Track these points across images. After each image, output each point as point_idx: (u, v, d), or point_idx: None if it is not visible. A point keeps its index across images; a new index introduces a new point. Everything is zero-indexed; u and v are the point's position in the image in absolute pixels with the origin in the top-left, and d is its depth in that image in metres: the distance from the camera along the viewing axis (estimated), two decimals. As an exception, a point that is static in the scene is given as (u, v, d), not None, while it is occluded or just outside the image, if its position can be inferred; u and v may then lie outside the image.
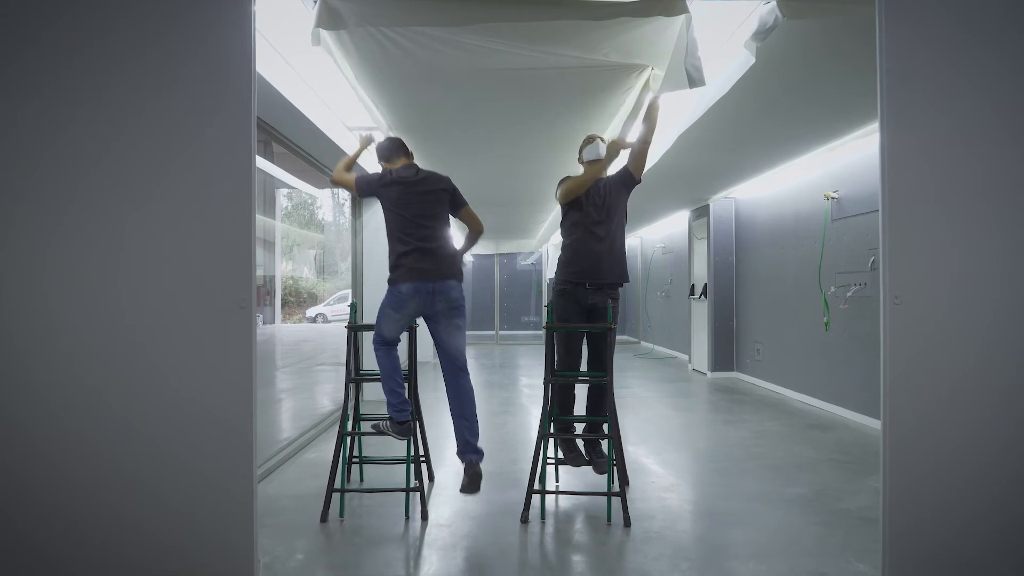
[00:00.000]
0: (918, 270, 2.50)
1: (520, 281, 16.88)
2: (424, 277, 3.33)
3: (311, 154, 4.88)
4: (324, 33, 2.85)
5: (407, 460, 3.35)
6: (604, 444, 3.64)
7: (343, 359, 3.66)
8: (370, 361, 5.59)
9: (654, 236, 12.24)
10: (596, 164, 3.61)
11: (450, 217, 3.61)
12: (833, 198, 5.81)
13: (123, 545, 2.37)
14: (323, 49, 3.02)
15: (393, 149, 3.67)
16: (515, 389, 7.63)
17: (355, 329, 3.56)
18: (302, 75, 3.89)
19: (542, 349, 12.85)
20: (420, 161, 6.07)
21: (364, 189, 3.57)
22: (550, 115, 4.38)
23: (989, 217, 2.42)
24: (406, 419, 3.39)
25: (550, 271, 13.40)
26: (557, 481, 3.84)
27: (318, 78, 3.99)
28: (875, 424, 5.22)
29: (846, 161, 5.69)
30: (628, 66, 3.42)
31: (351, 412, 3.64)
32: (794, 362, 6.70)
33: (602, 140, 3.74)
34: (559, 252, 3.87)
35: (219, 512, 2.41)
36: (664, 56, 3.07)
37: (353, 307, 3.74)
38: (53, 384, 2.33)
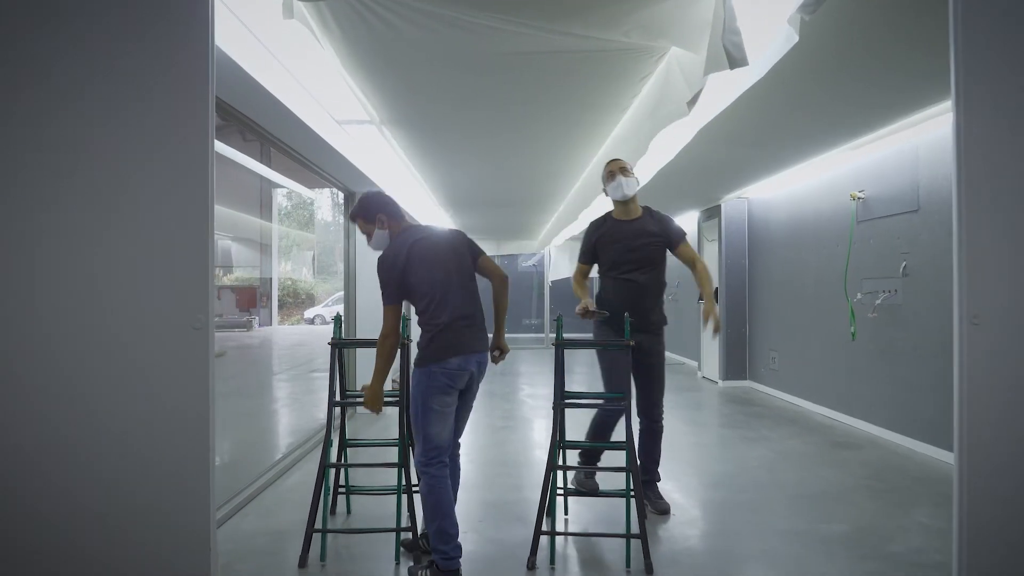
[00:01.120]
0: (1001, 285, 2.11)
1: (521, 283, 16.49)
2: (474, 348, 2.72)
3: (298, 151, 4.49)
4: (298, 4, 2.45)
5: (397, 490, 2.96)
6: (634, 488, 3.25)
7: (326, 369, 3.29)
8: (361, 373, 5.22)
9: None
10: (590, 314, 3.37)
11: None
12: (860, 198, 5.41)
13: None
14: (300, 24, 2.62)
15: (393, 207, 2.86)
16: (516, 400, 7.23)
17: (339, 345, 3.15)
18: (287, 65, 3.49)
19: (544, 354, 12.59)
20: (416, 159, 5.71)
21: (399, 295, 2.71)
22: (559, 107, 3.99)
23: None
24: (457, 567, 2.61)
25: (552, 272, 13.00)
26: (567, 515, 3.45)
27: (302, 67, 3.58)
28: (907, 443, 4.83)
29: (873, 158, 5.30)
30: (648, 49, 3.02)
31: (335, 439, 3.24)
32: (814, 372, 6.31)
33: (625, 173, 3.42)
34: (560, 254, 3.58)
35: (176, 556, 2.06)
36: (691, 35, 2.67)
37: (338, 320, 3.27)
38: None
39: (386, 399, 2.86)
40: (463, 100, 3.90)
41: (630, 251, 3.38)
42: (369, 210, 2.82)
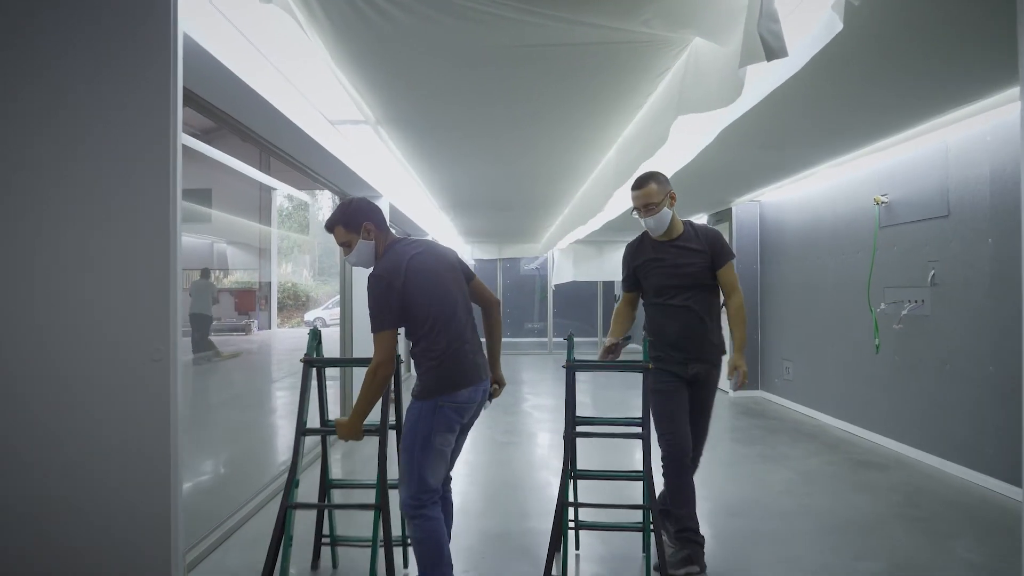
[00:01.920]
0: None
1: (523, 286, 16.22)
2: (481, 376, 2.45)
3: (288, 152, 4.21)
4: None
5: (373, 540, 2.58)
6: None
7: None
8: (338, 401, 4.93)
9: (666, 240, 11.56)
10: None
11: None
12: (883, 203, 5.12)
13: None
14: (282, 11, 2.34)
15: (381, 216, 2.51)
16: (520, 412, 6.94)
17: (315, 364, 2.79)
18: (271, 59, 3.22)
19: (547, 359, 12.31)
20: (415, 161, 5.43)
21: (398, 318, 2.34)
22: (567, 105, 3.71)
23: None
24: None
25: (555, 277, 12.72)
26: (578, 549, 3.16)
27: (288, 61, 3.31)
28: (936, 462, 4.54)
29: (897, 160, 5.02)
30: (668, 41, 2.74)
31: (299, 478, 2.72)
32: (832, 384, 6.02)
33: (649, 211, 2.90)
34: (564, 257, 3.27)
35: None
36: (719, 23, 2.39)
37: (315, 335, 2.85)
38: None
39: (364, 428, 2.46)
40: (465, 98, 3.62)
41: (674, 275, 2.95)
42: (354, 218, 2.45)
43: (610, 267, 12.39)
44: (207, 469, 4.03)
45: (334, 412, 6.04)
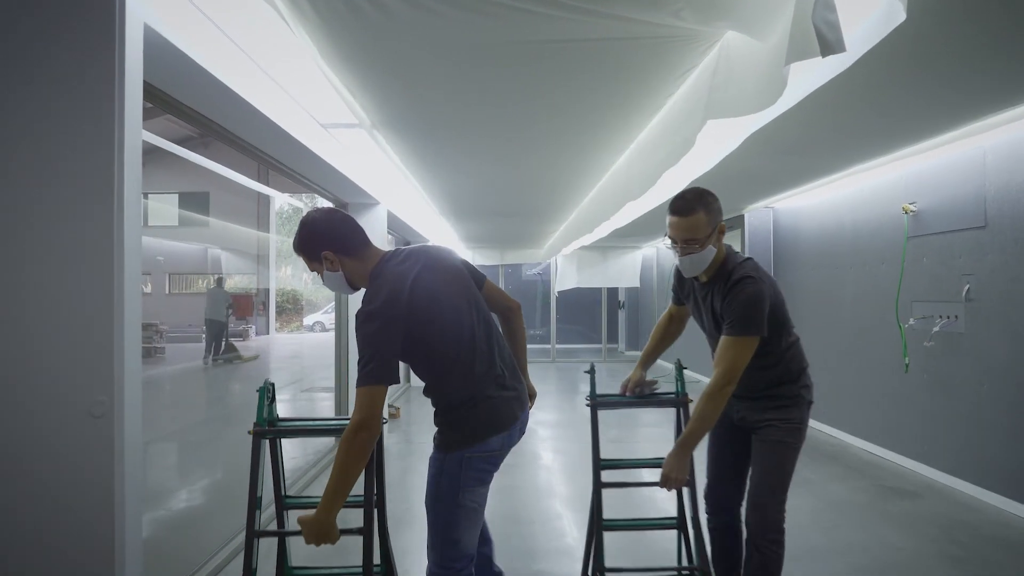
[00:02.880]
0: None
1: (526, 292, 15.94)
2: (516, 414, 2.01)
3: (277, 159, 3.92)
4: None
5: None
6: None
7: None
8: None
9: (672, 246, 11.25)
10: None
11: None
12: (912, 212, 4.82)
13: None
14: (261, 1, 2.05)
15: (344, 237, 2.00)
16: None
17: (268, 435, 2.15)
18: (253, 56, 2.93)
19: (550, 368, 11.97)
20: (413, 166, 5.13)
21: (394, 365, 1.85)
22: (579, 107, 3.41)
23: None
24: None
25: (559, 283, 12.42)
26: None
27: (272, 58, 3.02)
28: (972, 491, 4.23)
29: (926, 166, 4.72)
30: (697, 35, 2.45)
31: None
32: (853, 402, 5.71)
33: (688, 249, 2.19)
34: (568, 263, 2.78)
35: None
36: (756, 15, 2.09)
37: (264, 392, 2.16)
38: None
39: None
40: (467, 99, 3.33)
41: (701, 320, 2.43)
42: (309, 246, 1.97)
43: (614, 273, 12.09)
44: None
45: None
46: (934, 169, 4.66)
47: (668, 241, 2.26)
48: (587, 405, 2.53)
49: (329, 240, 1.96)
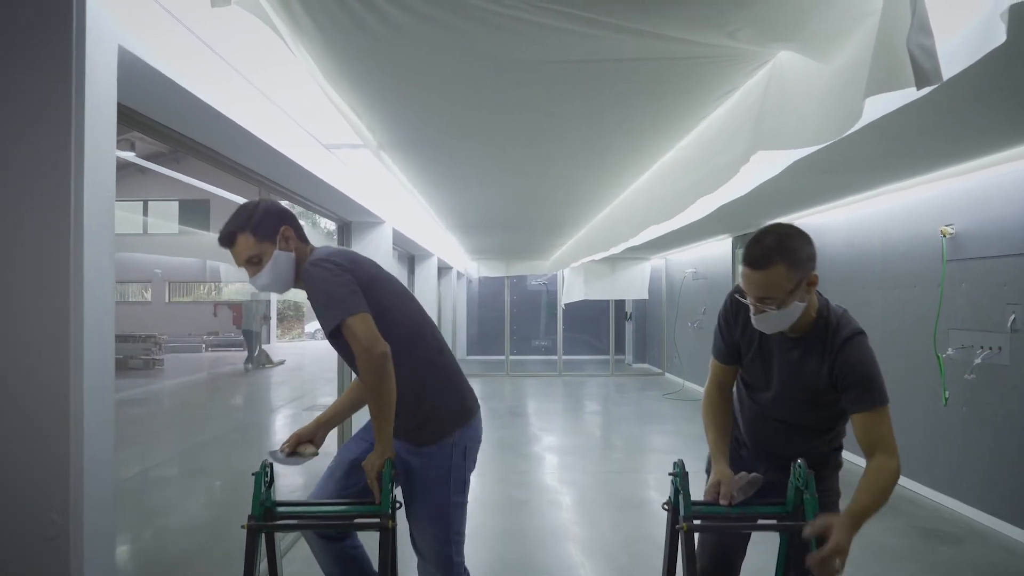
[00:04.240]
0: None
1: (530, 303, 15.70)
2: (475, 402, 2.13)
3: (278, 182, 3.66)
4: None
5: None
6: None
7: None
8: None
9: (681, 258, 10.99)
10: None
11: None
12: (950, 234, 4.55)
13: None
14: (251, 14, 1.78)
15: (298, 222, 1.96)
16: (532, 455, 6.20)
17: (267, 530, 1.81)
18: (251, 79, 2.67)
19: (555, 382, 11.66)
20: (420, 185, 4.86)
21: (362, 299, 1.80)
22: (600, 127, 3.15)
23: None
24: None
25: (565, 296, 12.14)
26: None
27: (271, 75, 2.76)
28: (1020, 536, 3.94)
29: (966, 186, 4.44)
30: (744, 55, 2.18)
31: None
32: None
33: (764, 305, 1.77)
34: (575, 276, 2.48)
35: None
36: (819, 34, 1.83)
37: (261, 476, 1.78)
38: None
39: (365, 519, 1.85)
40: (482, 115, 3.07)
41: (769, 380, 1.98)
42: (266, 222, 1.86)
43: (623, 285, 11.82)
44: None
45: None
46: (974, 190, 4.38)
47: (743, 298, 1.84)
48: (678, 528, 1.85)
49: (289, 216, 1.92)
